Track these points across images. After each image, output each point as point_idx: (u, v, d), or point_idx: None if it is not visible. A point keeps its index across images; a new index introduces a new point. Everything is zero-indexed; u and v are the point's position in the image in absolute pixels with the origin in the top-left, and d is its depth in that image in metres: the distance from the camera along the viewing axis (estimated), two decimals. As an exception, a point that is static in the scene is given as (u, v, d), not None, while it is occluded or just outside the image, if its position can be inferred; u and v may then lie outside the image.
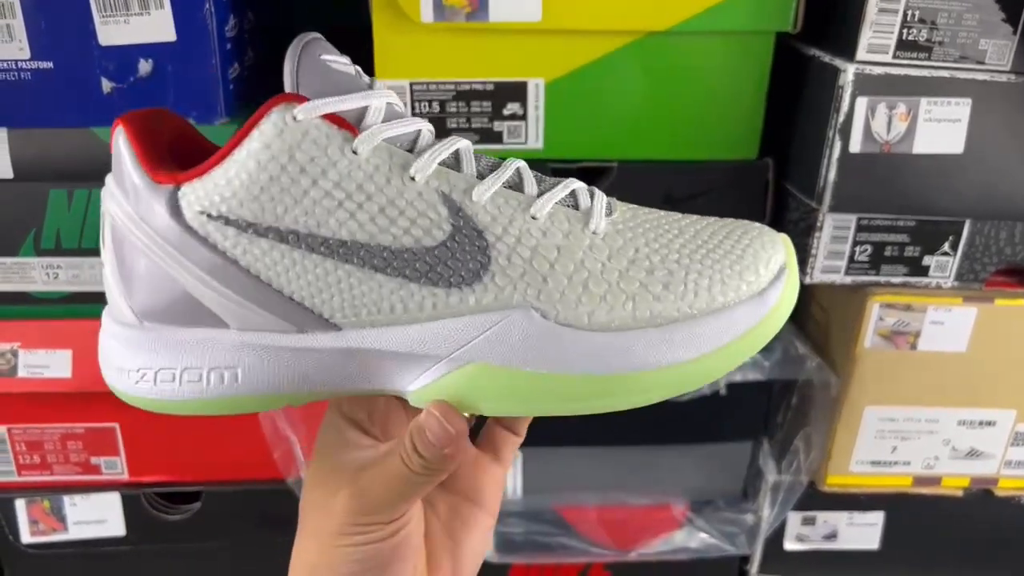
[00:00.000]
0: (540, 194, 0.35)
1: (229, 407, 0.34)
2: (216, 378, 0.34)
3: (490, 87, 0.64)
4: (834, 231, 0.66)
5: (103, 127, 0.61)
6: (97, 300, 0.66)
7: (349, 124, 0.32)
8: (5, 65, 0.58)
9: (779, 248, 0.35)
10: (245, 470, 0.74)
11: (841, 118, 0.61)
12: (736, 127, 0.67)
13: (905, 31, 0.60)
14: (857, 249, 0.67)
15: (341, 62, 0.34)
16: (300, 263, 0.33)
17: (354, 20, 0.79)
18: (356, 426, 0.37)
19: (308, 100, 0.32)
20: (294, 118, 0.32)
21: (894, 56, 0.60)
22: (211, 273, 0.33)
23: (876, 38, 0.60)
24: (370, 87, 0.34)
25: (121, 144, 0.33)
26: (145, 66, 0.59)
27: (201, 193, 0.32)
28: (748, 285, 0.34)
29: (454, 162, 0.34)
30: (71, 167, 0.63)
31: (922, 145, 0.62)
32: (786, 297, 0.34)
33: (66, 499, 0.74)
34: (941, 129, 0.62)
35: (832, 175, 0.63)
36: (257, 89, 0.70)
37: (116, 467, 0.73)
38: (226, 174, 0.32)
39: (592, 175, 0.67)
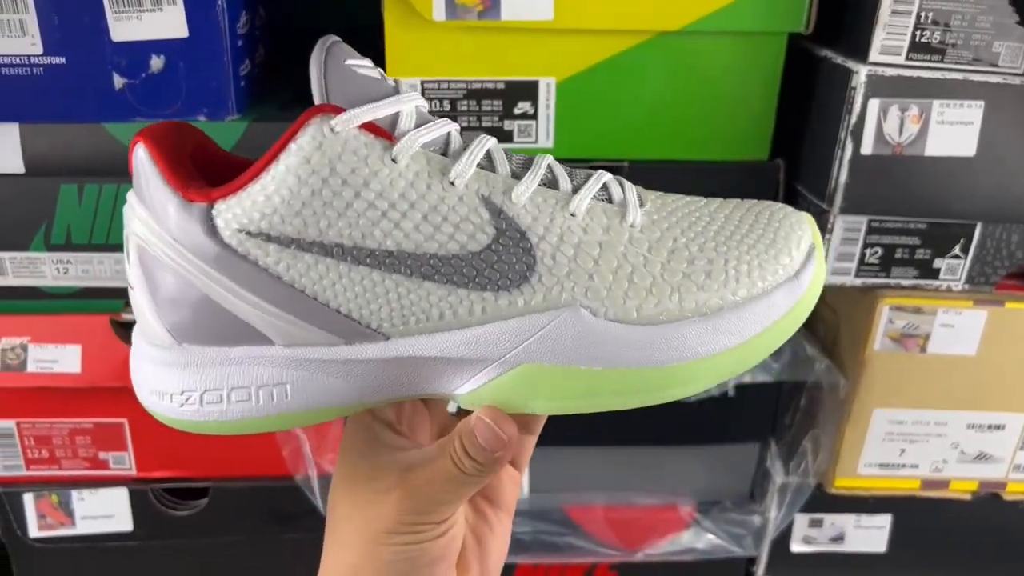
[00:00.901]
0: (575, 189, 0.34)
1: (279, 424, 0.34)
2: (266, 396, 0.33)
3: (501, 86, 0.64)
4: (845, 233, 0.66)
5: (115, 123, 0.61)
6: (107, 296, 0.67)
7: (385, 132, 0.32)
8: (18, 60, 0.58)
9: (805, 227, 0.36)
10: (253, 467, 0.74)
11: (853, 120, 0.61)
12: (747, 128, 0.67)
13: (918, 33, 0.60)
14: (868, 251, 0.66)
15: (366, 66, 0.34)
16: (346, 276, 0.32)
17: (365, 18, 0.79)
18: (388, 427, 0.37)
19: (344, 110, 0.31)
20: (332, 130, 0.31)
21: (907, 58, 0.60)
22: (253, 290, 0.32)
23: (889, 40, 0.60)
24: (396, 90, 0.34)
25: (144, 161, 0.32)
26: (157, 62, 0.60)
27: (239, 210, 0.31)
28: (783, 268, 0.34)
29: (487, 162, 0.34)
30: (82, 162, 0.63)
31: (934, 147, 0.62)
32: (818, 275, 0.35)
33: (74, 494, 0.74)
34: (953, 131, 0.62)
35: (843, 177, 0.63)
36: (267, 86, 0.70)
37: (124, 462, 0.74)
38: (265, 190, 0.31)
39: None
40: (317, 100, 0.32)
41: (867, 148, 0.62)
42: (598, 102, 0.65)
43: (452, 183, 0.33)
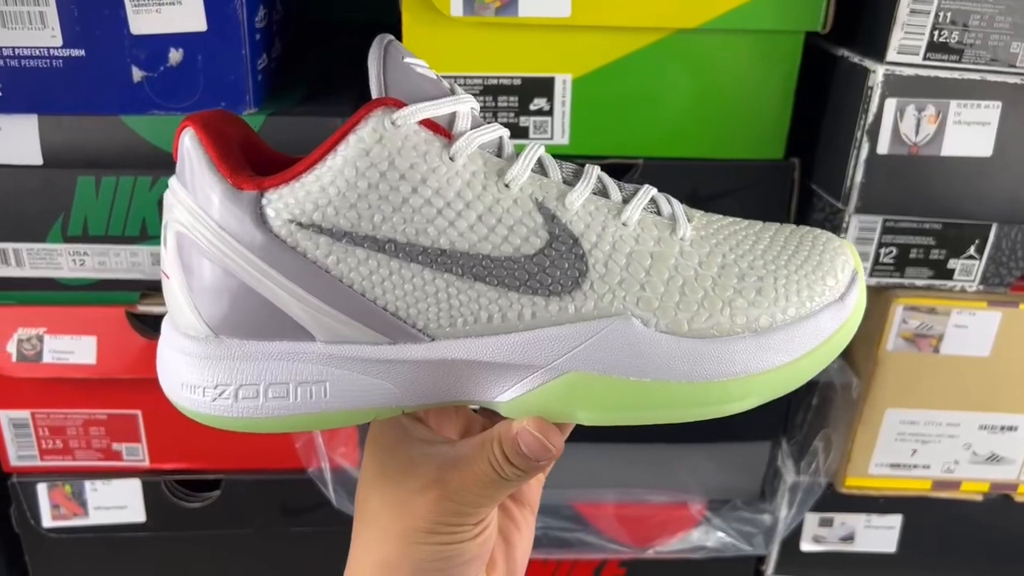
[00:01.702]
0: (625, 200, 0.34)
1: (315, 423, 0.33)
2: (304, 393, 0.33)
3: (517, 82, 0.64)
4: (859, 232, 0.66)
5: (132, 115, 0.62)
6: (123, 288, 0.67)
7: (444, 130, 0.32)
8: (38, 52, 0.59)
9: (848, 252, 0.36)
10: (265, 459, 0.74)
11: (870, 119, 0.61)
12: (763, 126, 0.67)
13: (936, 33, 0.59)
14: (882, 251, 0.66)
15: (422, 65, 0.34)
16: (397, 273, 0.32)
17: (382, 13, 0.79)
18: (417, 420, 0.37)
19: (405, 105, 0.31)
20: (393, 123, 0.31)
21: (924, 58, 0.60)
22: (300, 283, 0.32)
23: (907, 39, 0.60)
24: (451, 90, 0.33)
25: (192, 147, 0.32)
26: (175, 55, 0.60)
27: (291, 200, 0.31)
28: (830, 290, 0.34)
29: (539, 168, 0.34)
30: (100, 155, 0.63)
31: (950, 148, 0.62)
32: (860, 300, 0.35)
33: (87, 484, 0.74)
34: (970, 132, 0.62)
35: (859, 176, 0.63)
36: (282, 80, 0.70)
37: (137, 454, 0.74)
38: (320, 181, 0.31)
39: (617, 172, 0.67)
40: (375, 95, 0.32)
41: (883, 148, 0.62)
42: (614, 99, 0.65)
43: (507, 185, 0.32)
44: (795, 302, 0.33)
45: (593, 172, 0.35)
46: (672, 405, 0.33)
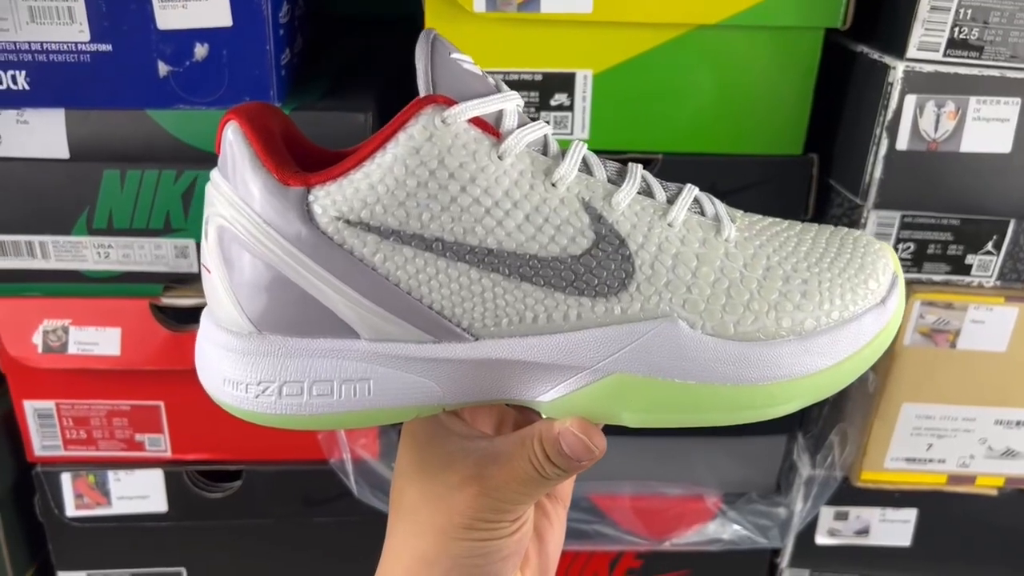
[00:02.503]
0: (670, 200, 0.34)
1: (358, 421, 0.33)
2: (348, 391, 0.32)
3: (538, 77, 0.65)
4: (878, 228, 0.66)
5: (158, 109, 0.62)
6: (147, 280, 0.68)
7: (493, 128, 0.32)
8: (65, 47, 0.59)
9: (888, 256, 0.36)
10: (287, 450, 0.75)
11: (889, 115, 0.61)
12: (782, 122, 0.67)
13: (956, 29, 0.60)
14: (900, 246, 0.67)
15: (469, 61, 0.33)
16: (444, 272, 0.31)
17: (400, 8, 0.80)
18: (452, 414, 0.37)
19: (455, 103, 0.31)
20: (443, 121, 0.31)
21: (944, 54, 0.60)
22: (346, 280, 0.31)
23: (927, 36, 0.60)
24: (497, 87, 0.33)
25: (236, 141, 0.31)
26: (201, 50, 0.60)
27: (339, 197, 0.31)
28: (872, 293, 0.34)
29: (584, 167, 0.34)
30: (125, 148, 0.64)
31: (969, 144, 0.62)
32: (900, 303, 0.35)
33: (110, 474, 0.75)
34: (989, 128, 0.62)
35: (878, 172, 0.63)
36: (304, 75, 0.71)
37: (160, 444, 0.75)
38: (369, 178, 0.31)
39: (637, 167, 0.67)
40: (423, 92, 0.31)
41: (902, 144, 0.62)
42: (634, 95, 0.65)
43: (554, 185, 0.32)
44: (839, 305, 0.33)
45: (638, 171, 0.34)
46: (717, 408, 0.33)
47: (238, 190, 0.32)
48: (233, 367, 0.33)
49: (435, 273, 0.32)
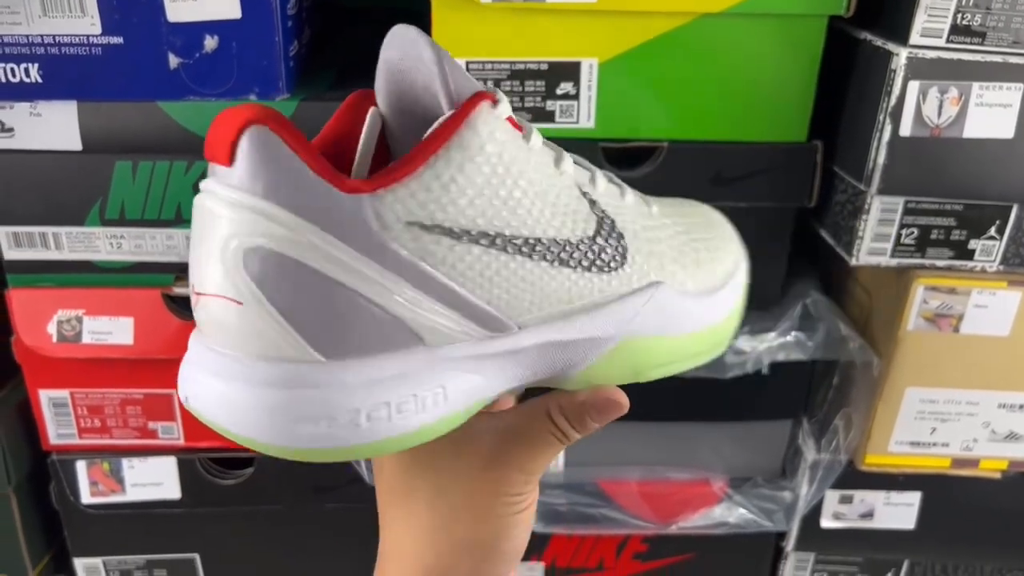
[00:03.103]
0: (610, 180, 0.37)
1: (442, 427, 0.32)
2: (432, 400, 0.31)
3: (544, 66, 0.65)
4: (881, 214, 0.66)
5: (169, 101, 0.63)
6: (158, 270, 0.69)
7: (518, 124, 0.33)
8: (77, 40, 0.60)
9: (728, 225, 0.43)
10: (297, 437, 0.75)
11: (892, 102, 0.62)
12: (786, 109, 0.67)
13: (959, 16, 0.60)
14: (903, 232, 0.67)
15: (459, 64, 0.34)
16: (505, 267, 0.32)
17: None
18: None
19: (499, 100, 0.31)
20: (496, 117, 0.31)
21: (947, 40, 0.61)
22: (415, 284, 0.30)
23: (930, 22, 0.60)
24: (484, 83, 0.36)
25: (277, 149, 0.28)
26: (211, 42, 0.61)
27: (409, 200, 0.29)
28: (736, 248, 0.42)
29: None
30: (137, 140, 0.65)
31: (972, 130, 0.63)
32: (742, 298, 0.42)
33: (124, 462, 0.76)
34: (992, 114, 0.62)
35: (881, 158, 0.63)
36: (310, 66, 0.72)
37: (173, 432, 0.76)
38: (439, 178, 0.30)
39: (642, 155, 0.68)
40: (442, 94, 0.31)
41: (906, 130, 0.63)
42: (639, 83, 0.66)
43: (562, 173, 0.34)
44: (721, 268, 0.40)
45: (579, 158, 0.37)
46: (701, 352, 0.39)
47: (282, 204, 0.28)
48: (302, 406, 0.29)
49: (498, 269, 0.32)
